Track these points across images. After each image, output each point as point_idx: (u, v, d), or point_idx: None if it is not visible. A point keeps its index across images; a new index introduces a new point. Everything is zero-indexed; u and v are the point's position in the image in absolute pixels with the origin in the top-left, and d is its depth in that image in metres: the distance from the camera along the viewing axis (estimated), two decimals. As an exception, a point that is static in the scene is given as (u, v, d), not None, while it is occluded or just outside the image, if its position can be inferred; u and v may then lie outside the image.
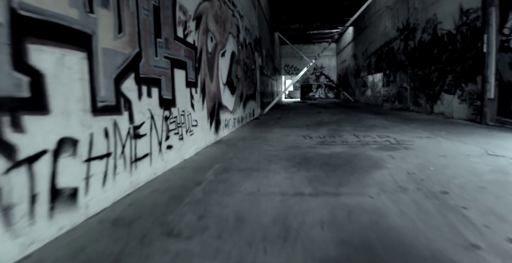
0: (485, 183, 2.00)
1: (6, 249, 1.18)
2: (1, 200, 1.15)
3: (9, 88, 1.18)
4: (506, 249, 1.21)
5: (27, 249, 1.26)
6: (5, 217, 1.17)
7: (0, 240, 1.15)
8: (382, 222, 1.44)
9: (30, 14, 1.26)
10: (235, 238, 1.33)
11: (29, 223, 1.27)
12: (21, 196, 1.23)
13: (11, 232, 1.19)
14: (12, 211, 1.20)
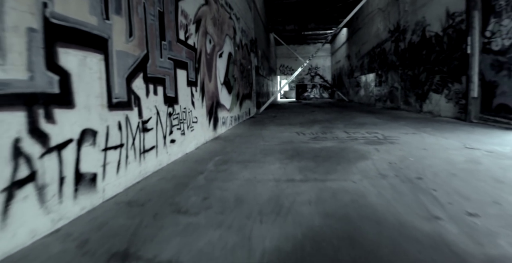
0: (457, 171, 2.25)
1: (41, 222, 1.39)
2: (37, 180, 1.36)
3: (44, 85, 1.39)
4: (463, 219, 1.44)
5: (56, 224, 1.47)
6: (40, 195, 1.38)
7: (36, 214, 1.36)
8: (361, 201, 1.68)
9: (59, 22, 1.48)
10: (235, 213, 1.55)
11: (58, 202, 1.48)
12: (52, 178, 1.44)
13: (44, 208, 1.40)
14: (45, 190, 1.41)
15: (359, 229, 1.36)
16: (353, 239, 1.27)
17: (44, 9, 1.39)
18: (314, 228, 1.37)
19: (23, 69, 1.29)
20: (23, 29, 1.29)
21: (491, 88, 5.03)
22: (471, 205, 1.62)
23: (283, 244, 1.24)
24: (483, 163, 2.48)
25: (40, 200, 1.38)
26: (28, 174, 1.31)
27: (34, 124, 1.33)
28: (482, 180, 2.02)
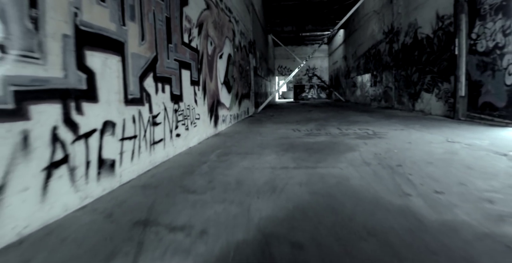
0: (434, 160, 2.52)
1: (71, 199, 1.64)
2: (69, 162, 1.62)
3: (74, 82, 1.65)
4: (429, 196, 1.71)
5: (83, 201, 1.72)
6: (71, 175, 1.63)
7: (68, 192, 1.62)
8: (345, 183, 1.94)
9: (86, 29, 1.73)
10: (236, 192, 1.81)
11: (85, 182, 1.73)
12: (80, 161, 1.70)
13: (74, 187, 1.66)
14: (75, 171, 1.66)
15: (341, 203, 1.62)
16: (334, 209, 1.53)
17: (75, 18, 1.64)
18: (302, 202, 1.63)
19: (59, 68, 1.55)
20: (59, 35, 1.54)
21: (476, 87, 5.31)
22: (439, 185, 1.88)
23: (276, 213, 1.50)
24: (459, 154, 2.75)
25: (71, 180, 1.63)
26: (63, 157, 1.56)
27: (67, 115, 1.59)
28: (454, 167, 2.28)
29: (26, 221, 1.35)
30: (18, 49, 1.32)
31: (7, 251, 1.21)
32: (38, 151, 1.41)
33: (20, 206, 1.32)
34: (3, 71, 1.25)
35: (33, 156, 1.39)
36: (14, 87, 1.29)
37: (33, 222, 1.39)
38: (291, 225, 1.37)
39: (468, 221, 1.37)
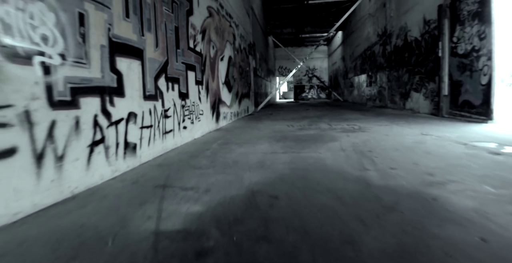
0: (401, 148, 2.99)
1: (106, 171, 2.13)
2: (105, 142, 2.10)
3: (108, 81, 2.14)
4: (384, 171, 2.18)
5: (114, 174, 2.21)
6: (106, 153, 2.12)
7: (103, 165, 2.10)
8: (320, 162, 2.42)
9: (116, 40, 2.22)
10: (233, 168, 2.29)
11: (115, 159, 2.22)
12: (112, 142, 2.19)
13: (108, 162, 2.14)
14: (109, 150, 2.15)
15: (312, 175, 2.10)
16: (306, 178, 2.01)
17: (108, 32, 2.13)
18: (283, 174, 2.11)
19: (98, 71, 2.04)
20: (98, 46, 2.03)
21: (457, 87, 5.77)
22: (395, 164, 2.36)
23: (262, 180, 1.98)
24: (426, 143, 3.21)
25: (106, 156, 2.12)
26: (100, 138, 2.05)
27: (104, 106, 2.08)
28: (415, 153, 2.76)
29: (76, 183, 1.84)
30: (72, 57, 1.81)
31: (66, 202, 1.70)
32: (85, 132, 1.90)
33: (73, 172, 1.81)
34: (64, 73, 1.74)
35: (82, 135, 1.88)
36: (70, 84, 1.78)
37: (80, 184, 1.87)
38: (271, 187, 1.85)
39: (406, 185, 1.85)
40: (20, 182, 1.47)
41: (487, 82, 4.90)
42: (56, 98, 1.67)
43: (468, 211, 1.42)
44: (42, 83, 1.59)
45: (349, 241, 1.16)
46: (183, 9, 3.56)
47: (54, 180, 1.66)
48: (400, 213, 1.41)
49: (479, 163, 2.30)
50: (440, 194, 1.66)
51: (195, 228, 1.32)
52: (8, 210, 1.41)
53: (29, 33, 1.52)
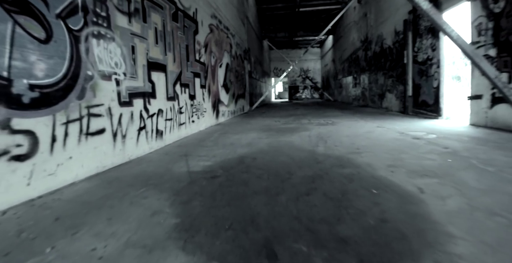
0: (352, 135, 4.10)
1: (146, 147, 3.21)
2: (145, 129, 3.20)
3: (147, 88, 3.23)
4: (328, 147, 3.28)
5: (150, 149, 3.30)
6: (146, 135, 3.21)
7: (145, 144, 3.19)
8: (290, 143, 3.53)
9: (151, 60, 3.32)
10: (229, 146, 3.40)
11: (151, 140, 3.31)
12: (149, 129, 3.28)
13: (147, 142, 3.23)
14: (148, 134, 3.24)
15: (281, 149, 3.20)
16: (277, 150, 3.12)
17: (146, 55, 3.23)
18: (263, 148, 3.22)
19: (142, 81, 3.13)
20: (141, 65, 3.13)
21: (418, 89, 6.91)
22: (339, 144, 3.46)
23: (248, 151, 3.09)
24: (373, 132, 4.33)
25: (146, 137, 3.21)
26: (143, 125, 3.15)
27: (145, 104, 3.17)
28: (359, 138, 3.86)
29: (131, 153, 2.93)
30: (129, 74, 2.90)
31: (127, 163, 2.79)
32: (135, 121, 3.00)
33: (129, 145, 2.90)
34: (126, 84, 2.84)
35: (134, 123, 2.97)
36: (128, 91, 2.88)
37: (133, 154, 2.97)
38: (253, 154, 2.96)
39: (336, 153, 2.95)
40: (106, 148, 2.56)
41: (437, 85, 6.03)
42: (122, 99, 2.77)
43: (362, 163, 2.53)
44: (116, 91, 2.69)
45: (289, 173, 2.27)
46: (191, 31, 4.66)
47: (121, 149, 2.76)
48: (323, 164, 2.52)
49: (397, 143, 3.42)
50: (354, 157, 2.77)
51: (209, 170, 2.42)
52: (102, 164, 2.50)
53: (109, 62, 2.61)
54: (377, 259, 1.07)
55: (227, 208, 1.60)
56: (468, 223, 1.34)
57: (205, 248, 1.19)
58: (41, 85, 1.90)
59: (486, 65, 3.38)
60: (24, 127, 1.79)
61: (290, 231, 1.31)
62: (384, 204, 1.59)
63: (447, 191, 1.76)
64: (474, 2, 4.80)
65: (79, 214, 1.59)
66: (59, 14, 2.06)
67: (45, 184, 1.94)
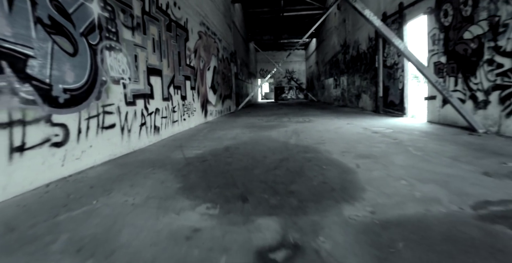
0: (322, 130, 4.77)
1: (146, 141, 3.78)
2: (145, 124, 3.77)
3: (147, 90, 3.80)
4: (300, 139, 3.93)
5: (150, 142, 3.87)
6: (146, 130, 3.78)
7: (145, 138, 3.76)
8: (268, 136, 4.17)
9: (150, 66, 3.89)
10: (217, 139, 4.01)
11: (150, 135, 3.88)
12: (148, 125, 3.85)
13: (147, 136, 3.81)
14: (147, 129, 3.81)
15: (261, 141, 3.83)
16: (257, 142, 3.75)
17: (146, 62, 3.80)
18: (245, 141, 3.84)
19: (143, 84, 3.70)
20: (142, 71, 3.70)
21: (387, 90, 7.68)
22: (309, 137, 4.12)
23: (233, 143, 3.70)
24: (342, 128, 5.01)
25: (146, 132, 3.78)
26: (144, 122, 3.72)
27: (145, 104, 3.74)
28: (328, 132, 4.53)
29: (134, 145, 3.50)
30: (133, 78, 3.47)
31: (132, 153, 3.36)
32: (138, 118, 3.57)
33: (133, 138, 3.47)
34: (130, 87, 3.40)
35: (137, 120, 3.54)
36: (132, 93, 3.44)
37: (136, 146, 3.53)
38: (237, 145, 3.57)
39: (305, 144, 3.60)
40: (116, 140, 3.13)
41: (402, 87, 6.80)
42: (128, 100, 3.34)
43: (323, 150, 3.18)
44: (123, 93, 3.25)
45: (264, 157, 2.89)
46: (182, 38, 5.24)
47: (127, 141, 3.33)
48: (292, 151, 3.16)
49: (357, 136, 4.10)
50: (317, 146, 3.43)
51: (201, 156, 3.02)
52: (113, 152, 3.07)
53: (118, 69, 3.18)
54: (311, 200, 1.71)
55: (215, 178, 2.21)
56: (379, 183, 2.00)
57: (201, 197, 1.80)
58: (70, 89, 2.47)
59: (428, 72, 4.12)
60: (60, 121, 2.36)
61: (258, 188, 1.93)
62: (328, 174, 2.24)
63: (376, 167, 2.43)
64: (429, 16, 5.56)
65: (107, 184, 2.17)
66: (82, 33, 2.62)
67: (74, 166, 2.50)
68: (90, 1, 2.75)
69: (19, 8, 2.03)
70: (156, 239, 1.30)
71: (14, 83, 1.97)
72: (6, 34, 1.93)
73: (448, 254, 1.12)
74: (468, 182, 1.97)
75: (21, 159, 2.01)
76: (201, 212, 1.58)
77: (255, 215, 1.52)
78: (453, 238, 1.24)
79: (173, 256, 1.16)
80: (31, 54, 2.10)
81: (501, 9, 3.86)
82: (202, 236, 1.31)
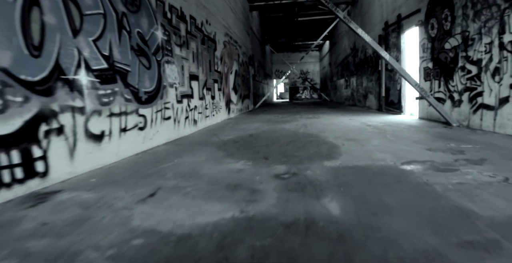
0: (327, 124, 5.83)
1: (188, 130, 4.98)
2: (189, 117, 4.96)
3: (189, 92, 5.00)
4: (307, 130, 5.02)
5: (191, 131, 5.06)
6: (189, 122, 4.97)
7: (188, 127, 4.96)
8: (282, 128, 5.28)
9: (191, 73, 5.08)
10: (242, 130, 5.16)
11: (191, 125, 5.07)
12: (190, 118, 5.04)
13: (189, 126, 5.00)
14: (189, 121, 5.00)
15: (277, 130, 4.95)
16: (273, 131, 4.87)
17: (189, 70, 4.99)
18: (264, 130, 4.97)
19: (187, 87, 4.90)
20: (186, 77, 4.89)
21: (388, 91, 8.63)
22: (315, 128, 5.20)
23: (255, 132, 4.84)
24: (343, 123, 6.06)
25: (189, 123, 4.97)
26: (187, 116, 4.91)
27: (188, 102, 4.93)
28: (331, 126, 5.60)
29: (184, 132, 4.69)
30: (181, 83, 4.67)
31: (184, 137, 4.56)
32: (184, 113, 4.76)
33: (182, 127, 4.66)
34: (179, 90, 4.60)
35: (183, 114, 4.73)
36: (180, 94, 4.64)
37: (185, 133, 4.72)
38: (258, 133, 4.71)
39: (311, 133, 4.69)
40: (171, 128, 4.32)
41: (399, 88, 7.76)
42: (177, 99, 4.53)
43: (322, 136, 4.26)
44: (175, 94, 4.45)
45: (279, 139, 4.01)
46: (212, 49, 6.42)
47: (177, 129, 4.52)
48: (299, 136, 4.26)
49: (352, 128, 5.15)
50: (319, 134, 4.52)
51: (232, 139, 4.17)
52: (169, 137, 4.26)
53: (172, 77, 4.37)
54: (306, 159, 2.81)
55: (246, 150, 3.35)
56: (352, 153, 3.08)
57: (240, 158, 2.94)
58: (147, 91, 3.66)
59: (409, 77, 5.13)
60: (142, 113, 3.55)
61: (274, 154, 3.06)
62: (321, 148, 3.34)
63: (355, 145, 3.50)
64: (420, 27, 6.53)
65: (176, 153, 3.34)
66: (153, 52, 3.82)
67: (149, 144, 3.70)
68: (156, 30, 3.94)
69: (124, 41, 3.23)
70: (220, 172, 2.45)
71: (122, 88, 3.17)
72: (118, 58, 3.13)
73: (373, 177, 2.21)
74: (412, 153, 3.02)
75: (124, 136, 3.21)
76: (242, 164, 2.72)
77: (273, 164, 2.64)
78: (379, 172, 2.32)
79: (232, 177, 2.30)
80: (129, 70, 3.31)
81: (470, 26, 4.83)
82: (244, 171, 2.45)
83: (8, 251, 1.27)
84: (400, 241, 1.21)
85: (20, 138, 2.03)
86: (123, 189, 2.08)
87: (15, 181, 2.00)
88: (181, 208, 1.68)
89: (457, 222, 1.39)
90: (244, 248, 1.19)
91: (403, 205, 1.61)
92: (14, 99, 2.00)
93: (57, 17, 2.35)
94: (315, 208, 1.58)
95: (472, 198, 1.68)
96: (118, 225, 1.48)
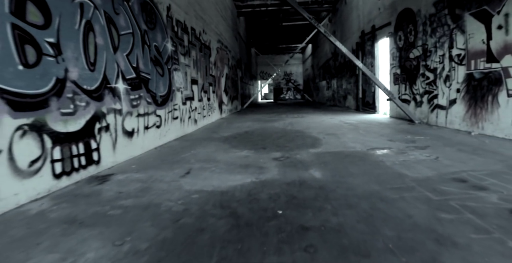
0: (311, 122, 6.68)
1: (190, 128, 5.69)
2: (191, 117, 5.67)
3: (190, 94, 5.71)
4: (293, 127, 5.84)
5: (193, 129, 5.78)
6: (191, 121, 5.69)
7: (191, 125, 5.67)
8: (271, 126, 6.09)
9: (192, 78, 5.80)
10: (236, 129, 5.93)
11: (193, 124, 5.79)
12: (192, 118, 5.76)
13: (191, 125, 5.72)
14: (191, 121, 5.72)
15: (267, 128, 5.74)
16: (264, 129, 5.66)
17: (190, 76, 5.71)
18: (256, 127, 5.76)
19: (189, 91, 5.61)
20: (189, 82, 5.61)
21: (364, 93, 9.61)
22: (300, 126, 6.03)
23: (248, 129, 5.61)
24: (324, 121, 6.93)
25: (190, 122, 5.68)
26: (190, 116, 5.63)
27: (190, 104, 5.65)
28: (314, 124, 6.45)
29: (188, 129, 5.40)
30: (184, 87, 5.38)
31: (185, 136, 5.27)
32: (187, 113, 5.48)
33: (187, 125, 5.37)
34: (184, 93, 5.31)
35: (187, 114, 5.45)
36: (185, 96, 5.35)
37: (186, 131, 5.44)
38: (252, 130, 5.48)
39: (297, 129, 5.50)
40: (178, 126, 5.03)
41: (374, 90, 8.73)
42: (183, 101, 5.24)
43: (306, 131, 5.09)
44: (181, 97, 5.16)
45: (271, 135, 4.80)
46: (207, 55, 7.14)
47: (182, 128, 5.23)
48: (287, 132, 5.07)
49: (332, 125, 6.01)
50: (304, 130, 5.34)
51: (231, 135, 4.93)
52: (177, 134, 4.97)
53: (178, 82, 5.08)
54: (296, 148, 3.61)
55: (246, 143, 4.12)
56: (331, 143, 3.91)
57: (243, 149, 3.71)
58: (162, 95, 4.37)
59: (379, 82, 6.05)
60: (159, 114, 4.26)
61: (270, 145, 3.84)
62: (306, 140, 4.15)
63: (333, 138, 4.34)
64: (390, 38, 7.49)
65: (189, 147, 4.07)
66: (165, 62, 4.53)
67: (164, 140, 4.40)
68: (167, 42, 4.65)
69: (145, 54, 3.93)
70: (232, 158, 3.21)
71: (145, 93, 3.87)
72: (142, 68, 3.83)
73: (344, 158, 3.02)
74: (376, 143, 3.88)
75: (147, 133, 3.91)
76: (246, 152, 3.49)
77: (270, 152, 3.43)
78: (350, 155, 3.15)
79: (242, 160, 3.06)
80: (149, 77, 4.01)
81: (428, 40, 5.79)
82: (250, 157, 3.22)
83: (109, 206, 1.99)
84: (356, 188, 2.03)
85: (84, 134, 2.72)
86: (163, 171, 2.80)
87: (81, 166, 2.69)
88: (213, 179, 2.43)
89: (394, 179, 2.22)
90: (264, 194, 1.97)
91: (362, 172, 2.44)
92: (80, 104, 2.69)
93: (103, 38, 3.05)
94: (305, 175, 2.38)
95: (409, 169, 2.53)
96: (176, 189, 2.22)
